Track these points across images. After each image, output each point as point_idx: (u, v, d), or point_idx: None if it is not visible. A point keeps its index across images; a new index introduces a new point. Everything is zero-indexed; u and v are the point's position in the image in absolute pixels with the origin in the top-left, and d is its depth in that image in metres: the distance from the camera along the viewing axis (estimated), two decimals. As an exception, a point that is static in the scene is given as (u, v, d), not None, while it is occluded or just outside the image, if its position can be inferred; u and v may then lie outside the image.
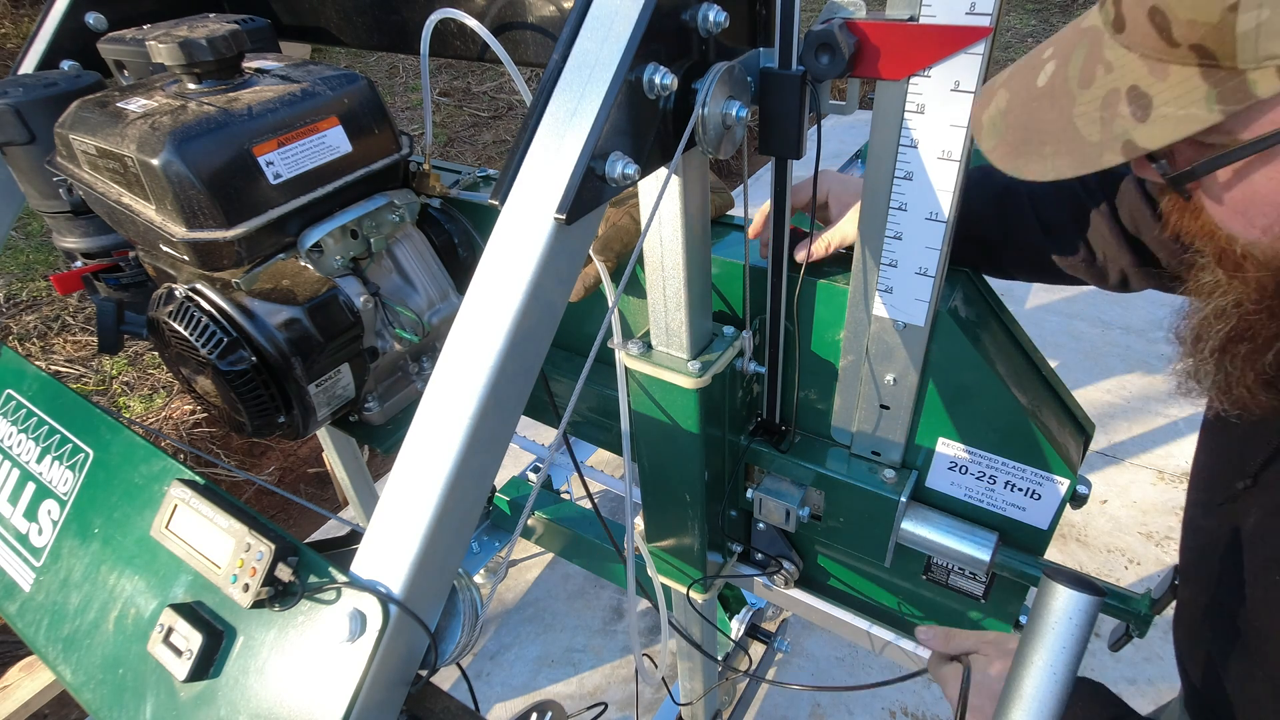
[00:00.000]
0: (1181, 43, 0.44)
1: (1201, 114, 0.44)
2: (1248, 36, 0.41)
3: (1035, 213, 0.94)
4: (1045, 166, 0.52)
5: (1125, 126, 0.47)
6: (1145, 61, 0.46)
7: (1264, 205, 0.49)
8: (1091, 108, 0.49)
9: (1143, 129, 0.47)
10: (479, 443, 0.64)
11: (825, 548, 1.24)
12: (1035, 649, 0.61)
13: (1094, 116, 0.49)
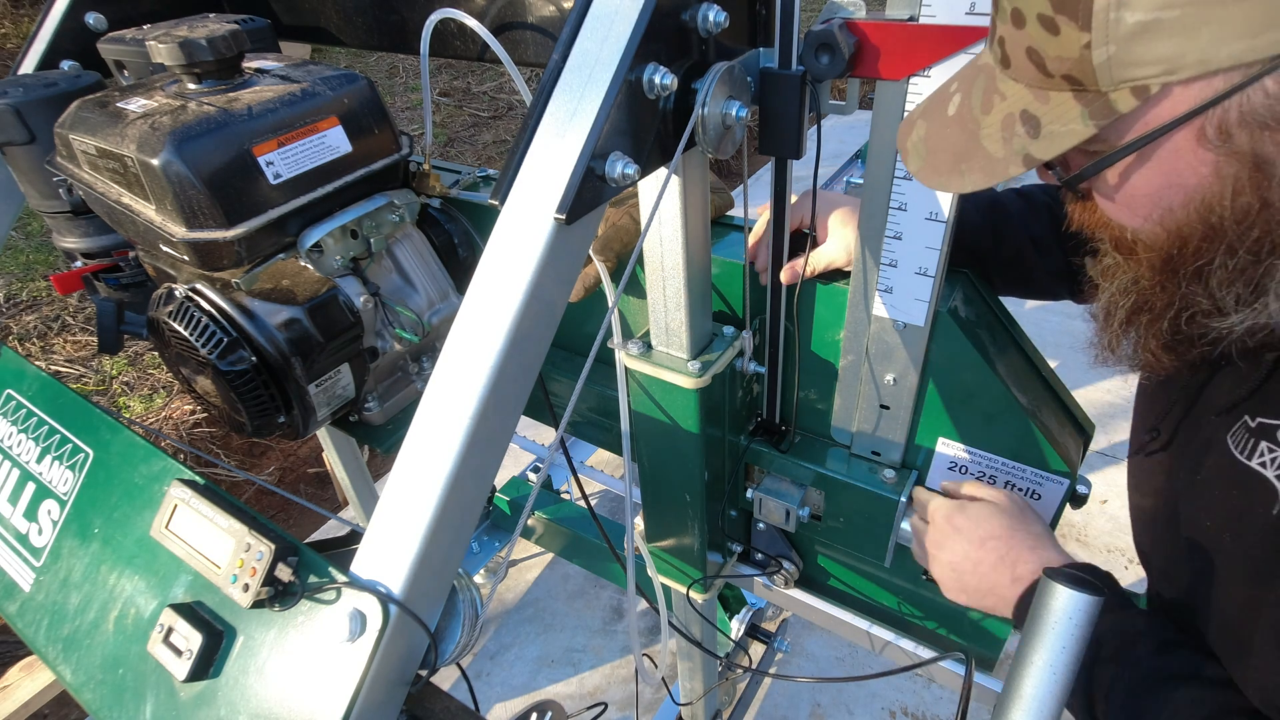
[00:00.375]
0: (1055, 74, 0.53)
1: (1079, 129, 0.54)
2: (1103, 67, 0.50)
3: (1024, 225, 1.00)
4: (964, 181, 0.61)
5: (1022, 143, 0.57)
6: (1030, 90, 0.56)
7: (1143, 199, 0.58)
8: (994, 130, 0.58)
9: (1036, 144, 0.56)
10: (479, 443, 0.64)
11: (825, 548, 1.24)
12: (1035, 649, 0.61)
13: (997, 136, 0.58)
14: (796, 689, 2.16)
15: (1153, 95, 0.51)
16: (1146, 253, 0.60)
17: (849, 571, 1.25)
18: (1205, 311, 0.59)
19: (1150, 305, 0.63)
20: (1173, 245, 0.58)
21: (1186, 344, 0.62)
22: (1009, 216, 1.00)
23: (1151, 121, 0.52)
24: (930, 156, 0.64)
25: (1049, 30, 0.52)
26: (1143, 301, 0.63)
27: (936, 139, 0.63)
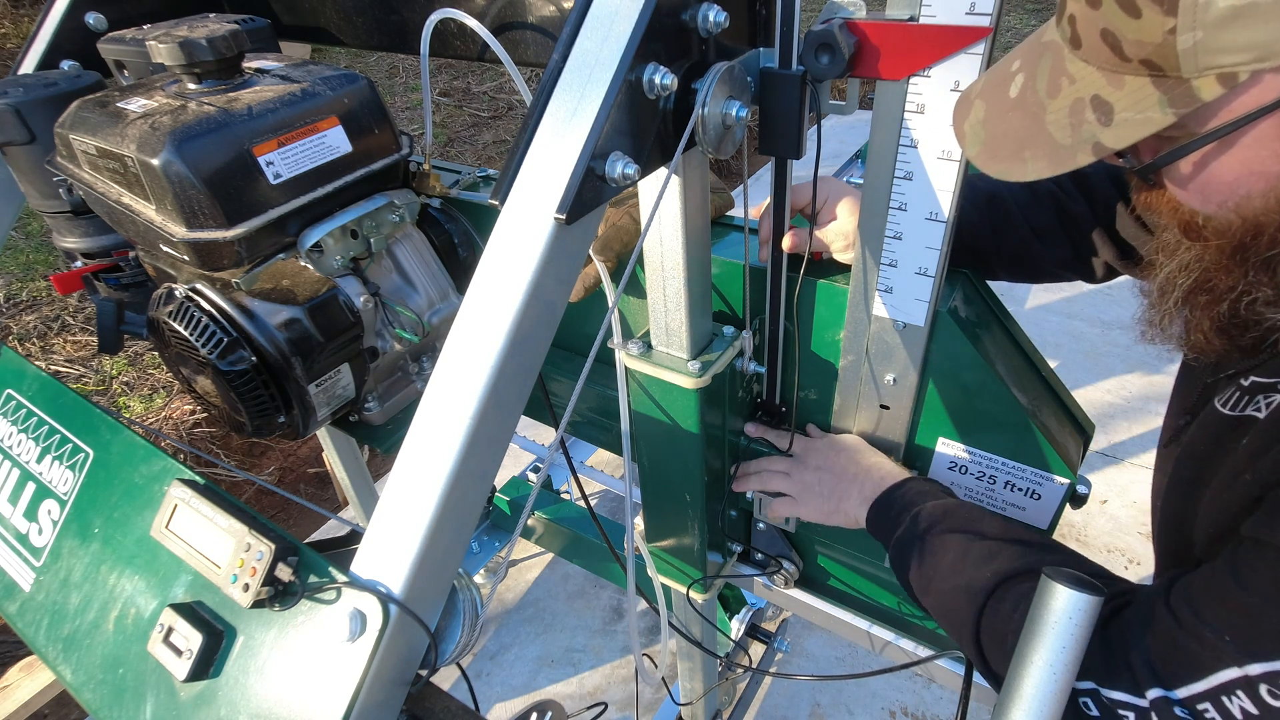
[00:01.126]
0: (1132, 58, 0.51)
1: (1157, 116, 0.52)
2: (1187, 53, 0.48)
3: (1025, 218, 1.00)
4: (1026, 169, 0.58)
5: (1093, 130, 0.54)
6: (1103, 74, 0.53)
7: (1220, 186, 0.56)
8: (1061, 115, 0.56)
9: (1108, 132, 0.54)
10: (479, 443, 0.64)
11: (825, 548, 1.24)
12: (1035, 649, 0.61)
13: (1064, 123, 0.56)
14: (796, 689, 2.16)
15: (1241, 83, 0.48)
16: (1217, 238, 0.59)
17: (849, 571, 1.25)
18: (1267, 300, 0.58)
19: (1211, 287, 0.62)
20: (1247, 233, 0.56)
21: (1240, 329, 0.62)
22: (1008, 211, 1.00)
23: (1237, 109, 0.50)
24: (990, 141, 0.61)
25: (1129, 12, 0.49)
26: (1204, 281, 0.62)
27: (997, 123, 0.61)
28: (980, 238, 0.99)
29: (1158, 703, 0.62)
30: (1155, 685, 0.62)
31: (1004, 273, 1.03)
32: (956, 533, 0.85)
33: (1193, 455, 0.73)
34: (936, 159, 0.78)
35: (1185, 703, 0.60)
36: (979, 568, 0.80)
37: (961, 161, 0.77)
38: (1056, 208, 0.98)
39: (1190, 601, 0.62)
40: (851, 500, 0.99)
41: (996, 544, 0.82)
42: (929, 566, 0.85)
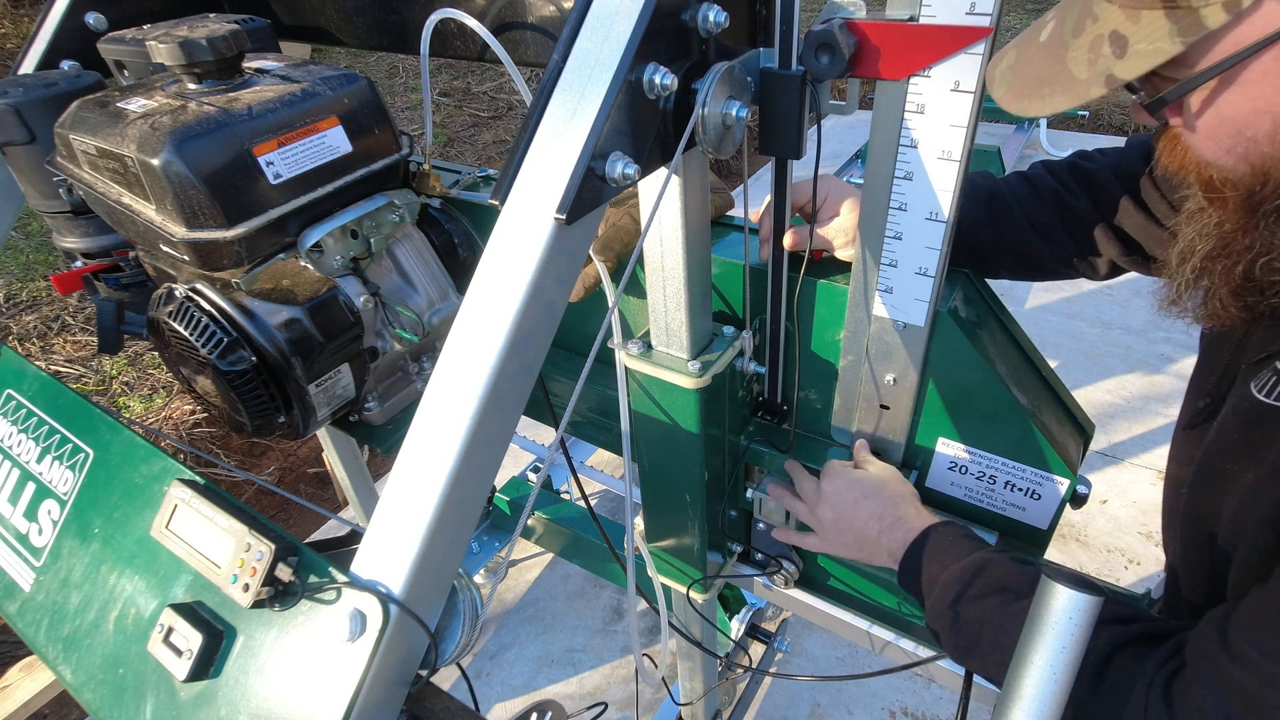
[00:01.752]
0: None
1: (1166, 46, 0.54)
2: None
3: (1025, 216, 1.00)
4: (1044, 104, 0.62)
5: (1107, 64, 0.57)
6: (1123, 10, 0.56)
7: (1227, 127, 0.58)
8: (1081, 52, 0.59)
9: (1121, 63, 0.57)
10: (479, 443, 0.64)
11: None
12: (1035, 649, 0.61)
13: (1083, 59, 0.59)
14: (796, 689, 2.16)
15: (1244, 9, 0.50)
16: (1232, 191, 0.60)
17: (849, 571, 1.25)
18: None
19: (1229, 249, 0.63)
20: (1255, 181, 0.58)
21: (1256, 292, 0.63)
22: (1008, 208, 1.00)
23: (1240, 40, 0.52)
24: (1015, 82, 0.64)
25: None
26: (1222, 245, 0.64)
27: (1024, 66, 0.64)
28: (980, 236, 0.99)
29: None
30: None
31: (1005, 270, 1.03)
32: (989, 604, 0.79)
33: (1224, 444, 0.71)
34: (936, 159, 0.78)
35: None
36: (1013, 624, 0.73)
37: (962, 161, 0.77)
38: (1059, 204, 0.98)
39: (1256, 642, 0.59)
40: (882, 557, 0.94)
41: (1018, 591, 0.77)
42: (968, 641, 0.79)
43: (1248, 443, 0.67)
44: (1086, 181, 0.98)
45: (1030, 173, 1.03)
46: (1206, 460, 0.73)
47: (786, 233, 0.94)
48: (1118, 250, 0.97)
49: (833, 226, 0.96)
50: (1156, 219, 0.93)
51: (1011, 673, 0.63)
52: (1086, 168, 0.99)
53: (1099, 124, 5.47)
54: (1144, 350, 3.33)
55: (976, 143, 0.78)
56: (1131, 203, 0.94)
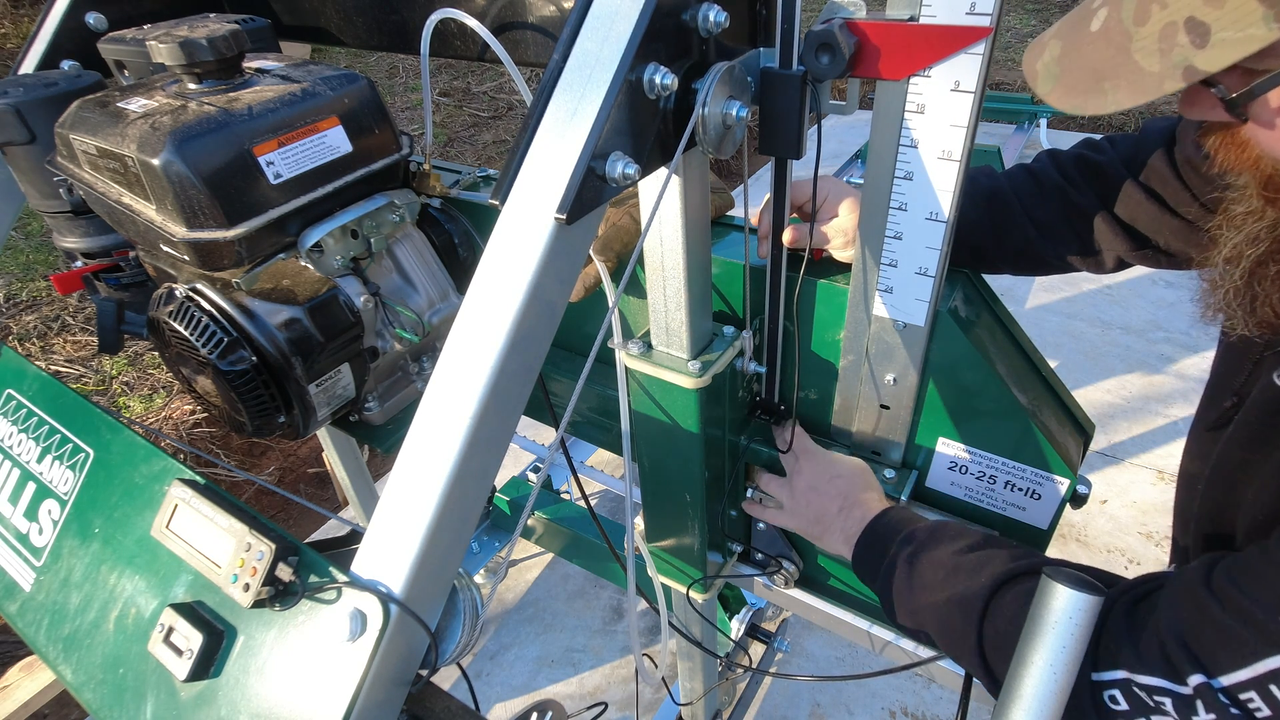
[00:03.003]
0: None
1: (1260, 33, 0.48)
2: None
3: (1026, 213, 0.98)
4: (1105, 101, 0.56)
5: (1185, 54, 0.51)
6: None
7: None
8: (1149, 42, 0.52)
9: (1202, 54, 0.50)
10: (479, 443, 0.64)
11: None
12: (1035, 649, 0.61)
13: (1152, 49, 0.52)
14: (796, 689, 2.16)
15: None
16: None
17: (849, 571, 1.25)
18: None
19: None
20: None
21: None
22: (1009, 206, 0.98)
23: None
24: (1065, 76, 0.58)
25: None
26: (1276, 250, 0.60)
27: (1073, 57, 0.58)
28: (981, 235, 0.98)
29: (1201, 689, 0.58)
30: (1196, 671, 0.58)
31: (1007, 267, 1.02)
32: (941, 549, 0.82)
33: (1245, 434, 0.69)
34: (936, 159, 0.78)
35: (1229, 690, 0.57)
36: (972, 577, 0.77)
37: (962, 161, 0.77)
38: (1062, 201, 0.96)
39: (1237, 581, 0.58)
40: (834, 536, 0.97)
41: (985, 553, 0.79)
42: (918, 588, 0.82)
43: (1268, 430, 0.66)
44: (1094, 174, 0.96)
45: (1035, 166, 1.00)
46: (1226, 452, 0.72)
47: (785, 230, 0.94)
48: (1126, 245, 0.95)
49: (832, 226, 0.96)
50: (1173, 210, 0.90)
51: (1011, 673, 0.63)
52: (1094, 160, 0.96)
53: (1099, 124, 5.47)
54: (1144, 350, 3.33)
55: (976, 143, 0.78)
56: (1145, 195, 0.91)
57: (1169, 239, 0.92)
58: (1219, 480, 0.73)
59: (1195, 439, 0.84)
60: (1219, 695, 0.57)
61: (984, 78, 0.72)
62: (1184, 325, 3.44)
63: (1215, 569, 0.61)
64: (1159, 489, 2.67)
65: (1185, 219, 0.90)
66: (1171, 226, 0.91)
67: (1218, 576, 0.60)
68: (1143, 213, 0.92)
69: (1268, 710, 0.55)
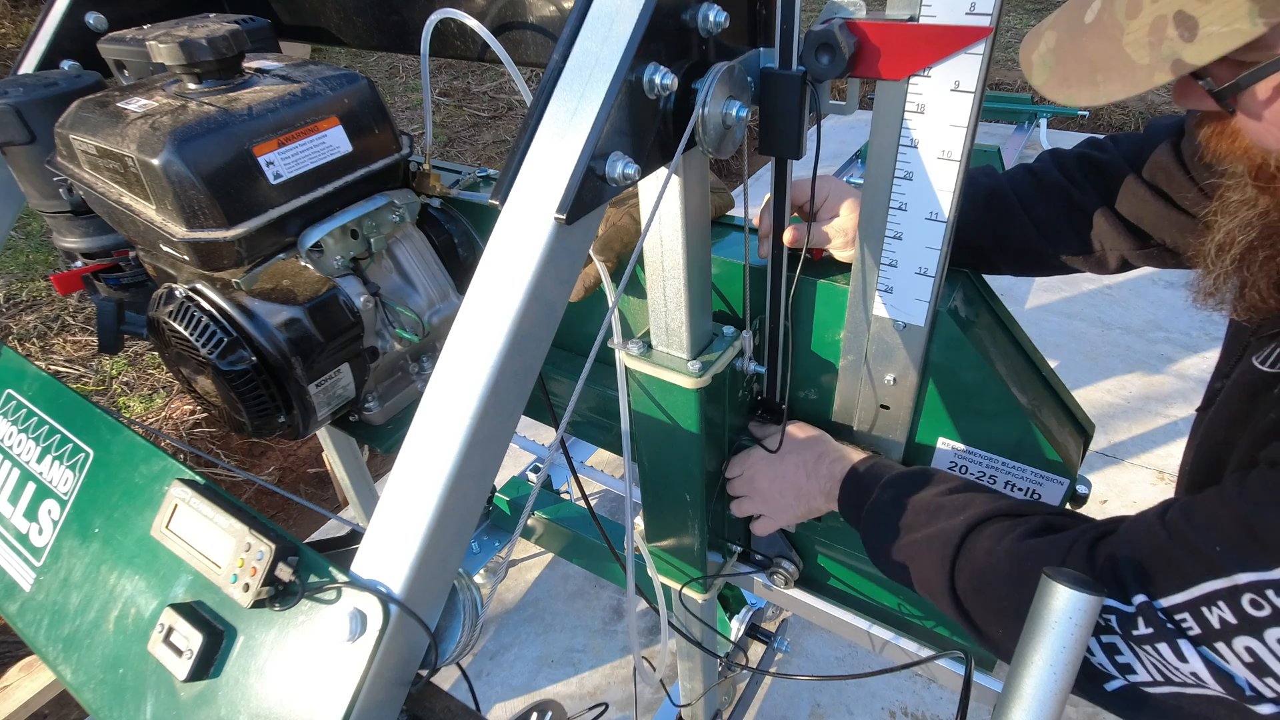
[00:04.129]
0: None
1: (1246, 28, 0.49)
2: None
3: (1026, 213, 0.98)
4: (1096, 93, 0.57)
5: (1173, 48, 0.52)
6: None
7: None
8: (1140, 35, 0.54)
9: (1190, 48, 0.52)
10: (479, 443, 0.64)
11: (825, 548, 1.24)
12: (1035, 649, 0.61)
13: (1143, 42, 0.54)
14: (796, 689, 2.16)
15: None
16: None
17: (849, 571, 1.25)
18: None
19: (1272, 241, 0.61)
20: None
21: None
22: (1009, 207, 0.98)
23: None
24: (1059, 67, 0.60)
25: None
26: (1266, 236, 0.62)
27: (1068, 49, 0.59)
28: (981, 236, 0.98)
29: (1143, 607, 0.63)
30: (1140, 592, 0.63)
31: (1008, 268, 1.02)
32: (926, 490, 0.85)
33: (1226, 414, 0.72)
34: (936, 159, 0.78)
35: (1167, 610, 0.61)
36: (952, 516, 0.80)
37: (962, 161, 0.77)
38: (1064, 200, 0.96)
39: (1187, 515, 0.63)
40: (817, 499, 1.00)
41: (967, 495, 0.82)
42: (901, 528, 0.84)
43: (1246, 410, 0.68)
44: (1096, 173, 0.95)
45: (1036, 166, 1.00)
46: (1207, 434, 0.74)
47: (786, 229, 0.94)
48: (1129, 244, 0.95)
49: (833, 226, 0.96)
50: (1179, 206, 0.90)
51: (1011, 673, 0.63)
52: (1097, 158, 0.96)
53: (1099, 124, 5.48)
54: (1144, 350, 3.33)
55: (976, 143, 0.78)
56: (1149, 192, 0.91)
57: (1175, 236, 0.92)
58: (1202, 460, 0.76)
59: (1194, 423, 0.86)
60: (1158, 613, 0.62)
61: (984, 78, 0.72)
62: (1184, 325, 3.44)
63: (1171, 506, 0.66)
64: (1159, 489, 2.67)
65: (1191, 214, 0.89)
66: (1178, 223, 0.90)
67: (1172, 512, 0.65)
68: (1147, 209, 0.92)
69: (1198, 629, 0.60)
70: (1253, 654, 0.57)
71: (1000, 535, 0.75)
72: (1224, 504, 0.60)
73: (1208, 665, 0.59)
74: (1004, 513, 0.78)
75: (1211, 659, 0.59)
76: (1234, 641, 0.58)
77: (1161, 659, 0.62)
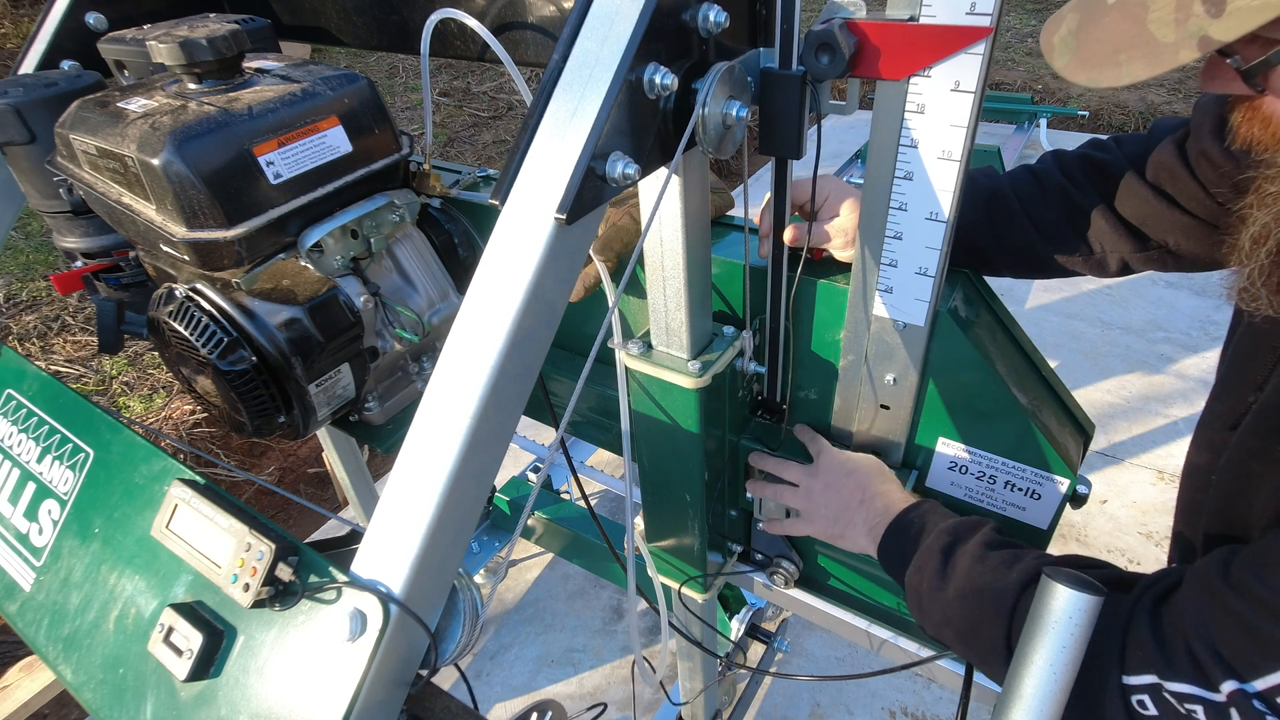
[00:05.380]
0: None
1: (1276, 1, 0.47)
2: None
3: (1027, 215, 0.97)
4: (1120, 73, 0.55)
5: (1200, 24, 0.51)
6: None
7: None
8: (1165, 13, 0.52)
9: (1218, 24, 0.50)
10: (479, 443, 0.64)
11: (825, 548, 1.24)
12: (1035, 649, 0.61)
13: (1168, 20, 0.52)
14: (796, 688, 2.16)
15: None
16: None
17: (849, 571, 1.25)
18: None
19: None
20: None
21: None
22: (1009, 209, 0.97)
23: None
24: (1081, 49, 0.58)
25: None
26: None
27: (1090, 30, 0.58)
28: (981, 237, 0.98)
29: (1235, 696, 0.56)
30: (1229, 677, 0.56)
31: (1008, 270, 1.01)
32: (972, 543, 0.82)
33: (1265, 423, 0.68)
34: (936, 159, 0.78)
35: (1264, 695, 0.55)
36: (1002, 573, 0.76)
37: (962, 161, 0.77)
38: (1065, 202, 0.95)
39: (1259, 574, 0.57)
40: (857, 529, 0.96)
41: (1013, 551, 0.79)
42: (949, 580, 0.81)
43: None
44: (1099, 174, 0.94)
45: (1038, 167, 0.99)
46: (1242, 442, 0.71)
47: (787, 229, 0.93)
48: (1130, 246, 0.93)
49: (833, 226, 0.95)
50: (1181, 206, 0.89)
51: (1011, 673, 0.63)
52: (1100, 159, 0.95)
53: (1099, 124, 5.48)
54: (1144, 350, 3.33)
55: (976, 143, 0.78)
56: (1152, 193, 0.90)
57: (1179, 238, 0.90)
58: (1232, 471, 0.72)
59: (1205, 431, 0.83)
60: (1254, 701, 0.56)
61: (984, 78, 0.72)
62: (1184, 325, 3.44)
63: (1233, 562, 0.60)
64: (1159, 489, 2.67)
65: (1195, 216, 0.88)
66: (1181, 224, 0.89)
67: (1237, 570, 0.59)
68: (1150, 211, 0.90)
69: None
70: None
71: None
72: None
73: None
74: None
75: None
76: None
77: None
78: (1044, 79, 6.09)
